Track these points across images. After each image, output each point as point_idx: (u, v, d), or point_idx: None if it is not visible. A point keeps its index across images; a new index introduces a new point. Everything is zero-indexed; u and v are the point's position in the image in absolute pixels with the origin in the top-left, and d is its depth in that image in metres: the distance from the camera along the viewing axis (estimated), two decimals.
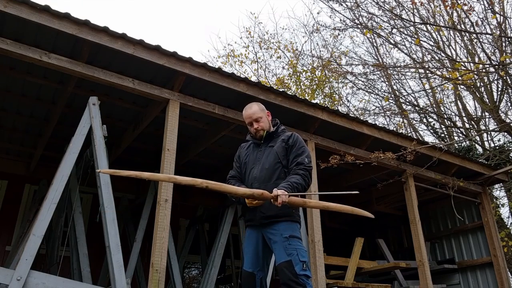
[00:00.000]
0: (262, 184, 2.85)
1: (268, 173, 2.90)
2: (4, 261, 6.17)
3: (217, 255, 5.96)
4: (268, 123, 3.08)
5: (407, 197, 6.54)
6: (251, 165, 3.02)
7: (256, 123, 3.04)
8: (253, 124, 3.05)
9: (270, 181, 2.86)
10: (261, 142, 3.07)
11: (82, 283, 4.26)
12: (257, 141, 3.10)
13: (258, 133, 3.05)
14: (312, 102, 5.53)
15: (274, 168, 2.90)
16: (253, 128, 3.06)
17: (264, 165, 2.94)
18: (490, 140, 12.50)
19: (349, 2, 10.89)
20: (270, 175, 2.89)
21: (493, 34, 8.34)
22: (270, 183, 2.84)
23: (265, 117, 3.08)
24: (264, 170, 2.92)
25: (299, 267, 2.63)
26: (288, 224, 2.77)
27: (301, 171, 2.80)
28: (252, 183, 2.92)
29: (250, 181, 2.96)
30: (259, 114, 3.05)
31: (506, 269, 7.23)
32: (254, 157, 3.05)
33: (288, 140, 2.97)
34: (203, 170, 7.33)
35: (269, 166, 2.92)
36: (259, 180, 2.90)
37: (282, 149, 2.95)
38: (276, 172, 2.89)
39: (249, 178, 2.99)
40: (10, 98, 5.17)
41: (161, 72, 4.61)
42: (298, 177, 2.76)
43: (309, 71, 14.98)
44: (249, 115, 3.06)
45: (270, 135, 3.05)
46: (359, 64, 14.41)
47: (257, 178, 2.92)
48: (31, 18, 3.70)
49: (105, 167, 4.10)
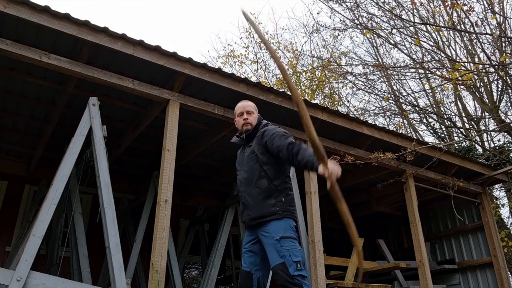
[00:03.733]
0: (247, 187, 2.91)
1: (249, 175, 2.93)
2: (4, 261, 6.17)
3: (217, 255, 5.95)
4: (256, 121, 3.07)
5: (407, 198, 6.54)
6: (239, 168, 3.10)
7: (247, 114, 3.05)
8: (244, 114, 3.05)
9: (251, 182, 2.89)
10: (244, 143, 3.11)
11: (82, 284, 4.26)
12: (241, 141, 3.12)
13: (245, 126, 3.04)
14: (312, 103, 5.52)
15: (253, 168, 2.92)
16: (242, 119, 3.05)
17: (246, 167, 2.98)
18: (490, 140, 12.52)
19: (349, 3, 10.89)
20: (251, 177, 2.91)
21: (493, 34, 8.34)
22: (252, 185, 2.88)
23: (256, 115, 3.11)
24: (246, 171, 2.96)
25: (293, 268, 2.61)
26: (277, 222, 2.74)
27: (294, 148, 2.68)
28: (240, 186, 3.00)
29: (239, 184, 3.04)
30: (252, 109, 3.10)
31: (506, 269, 7.22)
32: (240, 159, 3.11)
33: (262, 136, 2.92)
34: (203, 170, 7.33)
35: (249, 167, 2.95)
36: (243, 183, 2.96)
37: (257, 146, 2.94)
38: (255, 172, 2.90)
39: (237, 181, 3.07)
40: (10, 98, 5.17)
41: (161, 72, 4.61)
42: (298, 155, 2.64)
43: (309, 72, 14.98)
44: (244, 105, 3.10)
45: (251, 135, 3.05)
46: (359, 65, 14.43)
47: (241, 181, 2.99)
48: (31, 19, 3.70)
49: (105, 168, 4.10)
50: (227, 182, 7.07)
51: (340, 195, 2.37)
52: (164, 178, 4.24)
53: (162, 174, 4.27)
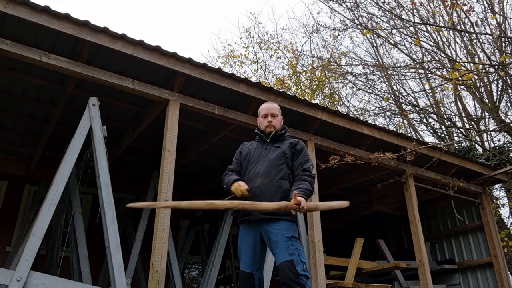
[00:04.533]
0: (265, 180, 2.88)
1: (273, 170, 2.93)
2: (4, 261, 6.17)
3: (217, 255, 5.95)
4: (280, 125, 3.18)
5: (407, 197, 6.54)
6: (254, 161, 3.05)
7: (272, 117, 3.13)
8: (268, 116, 3.14)
9: (274, 178, 2.90)
10: (267, 141, 3.11)
11: (82, 284, 4.26)
12: (263, 138, 3.14)
13: (268, 128, 3.12)
14: (312, 103, 5.53)
15: (279, 167, 2.94)
16: (267, 121, 3.13)
17: (269, 162, 2.97)
18: (490, 140, 12.52)
19: (349, 3, 10.90)
20: (274, 173, 2.92)
21: (493, 34, 8.34)
22: (274, 181, 2.88)
23: (280, 117, 3.21)
24: (269, 167, 2.95)
25: (300, 267, 2.65)
26: (289, 224, 2.79)
27: (309, 177, 2.89)
28: (255, 178, 2.93)
29: (252, 176, 2.96)
30: (277, 111, 3.19)
31: (506, 270, 7.22)
32: (258, 154, 3.08)
33: (296, 145, 3.05)
34: (203, 170, 7.33)
35: (274, 164, 2.96)
36: (263, 175, 2.92)
37: (289, 151, 3.02)
38: (281, 171, 2.93)
39: (251, 173, 2.99)
40: (10, 98, 5.17)
41: (161, 72, 4.62)
42: (307, 183, 2.84)
43: (309, 72, 14.98)
44: (269, 107, 3.19)
45: (278, 137, 3.13)
46: (359, 65, 14.44)
47: (260, 174, 2.94)
48: (31, 19, 3.70)
49: (105, 168, 4.10)
50: None
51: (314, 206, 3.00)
52: (164, 178, 4.24)
53: (162, 174, 4.27)
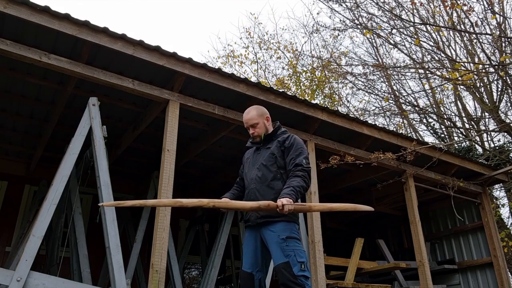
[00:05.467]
0: (258, 185, 2.94)
1: (264, 174, 2.96)
2: (4, 261, 6.17)
3: (217, 255, 5.95)
4: (264, 128, 3.13)
5: (407, 198, 6.54)
6: (250, 167, 3.11)
7: (252, 128, 3.13)
8: (250, 129, 3.15)
9: (266, 181, 2.93)
10: (260, 145, 3.15)
11: (82, 284, 4.25)
12: (256, 144, 3.18)
13: (254, 139, 3.17)
14: (312, 103, 5.52)
15: (270, 169, 2.96)
16: (250, 133, 3.17)
17: (261, 166, 3.00)
18: (490, 140, 12.51)
19: (349, 3, 10.90)
20: (266, 176, 2.95)
21: (492, 35, 8.34)
22: (265, 184, 2.92)
23: (262, 122, 3.13)
24: (261, 170, 2.98)
25: (297, 268, 2.64)
26: (285, 224, 2.78)
27: (300, 172, 2.83)
28: (250, 184, 3.01)
29: (249, 182, 3.04)
30: (255, 120, 3.12)
31: (506, 270, 7.22)
32: (254, 159, 3.13)
33: (284, 142, 3.02)
34: (203, 170, 7.33)
35: (265, 167, 2.98)
36: (255, 181, 2.97)
37: (277, 150, 3.00)
38: (271, 172, 2.95)
39: (248, 180, 3.07)
40: (10, 98, 5.17)
41: (161, 72, 4.62)
42: (298, 179, 2.79)
43: (309, 72, 14.99)
44: (246, 120, 3.17)
45: (269, 137, 3.12)
46: (359, 65, 14.42)
47: (253, 179, 2.99)
48: (31, 19, 3.70)
49: (105, 168, 4.10)
50: (227, 182, 7.05)
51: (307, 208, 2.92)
52: (164, 178, 4.25)
53: (162, 174, 4.27)
